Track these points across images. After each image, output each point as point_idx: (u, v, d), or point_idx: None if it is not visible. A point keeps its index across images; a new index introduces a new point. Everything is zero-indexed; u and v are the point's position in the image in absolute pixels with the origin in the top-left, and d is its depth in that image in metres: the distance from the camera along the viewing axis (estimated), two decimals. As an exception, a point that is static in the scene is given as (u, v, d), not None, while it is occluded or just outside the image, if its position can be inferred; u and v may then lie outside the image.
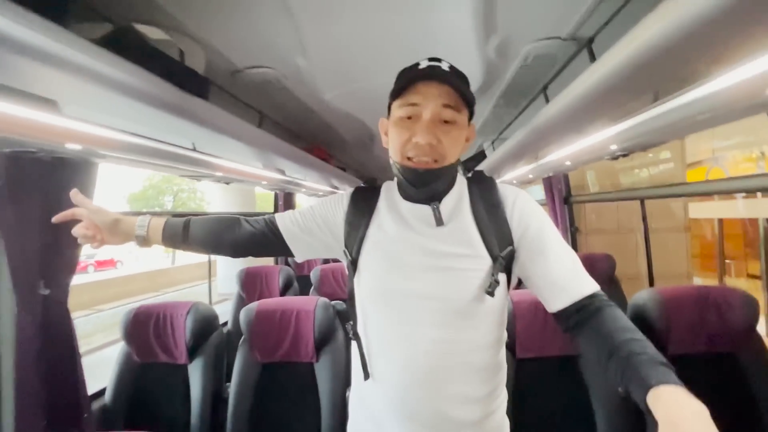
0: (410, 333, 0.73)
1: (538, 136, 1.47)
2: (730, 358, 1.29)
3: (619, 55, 0.79)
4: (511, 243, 0.73)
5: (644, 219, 2.33)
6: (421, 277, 0.73)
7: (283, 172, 2.24)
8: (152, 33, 0.89)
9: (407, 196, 0.78)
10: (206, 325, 1.48)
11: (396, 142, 0.72)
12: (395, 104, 0.73)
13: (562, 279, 0.71)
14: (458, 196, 0.78)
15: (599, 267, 2.40)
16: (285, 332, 1.40)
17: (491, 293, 0.70)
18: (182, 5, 0.95)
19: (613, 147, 1.49)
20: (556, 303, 0.71)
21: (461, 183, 0.80)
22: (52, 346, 1.17)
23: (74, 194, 0.81)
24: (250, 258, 0.95)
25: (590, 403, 1.29)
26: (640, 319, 1.35)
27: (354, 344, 0.80)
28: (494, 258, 0.72)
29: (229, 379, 1.46)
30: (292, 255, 0.87)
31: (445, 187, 0.76)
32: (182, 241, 0.86)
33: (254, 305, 1.45)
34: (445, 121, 0.70)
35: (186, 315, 1.44)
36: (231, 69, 1.35)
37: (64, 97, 0.81)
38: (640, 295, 1.39)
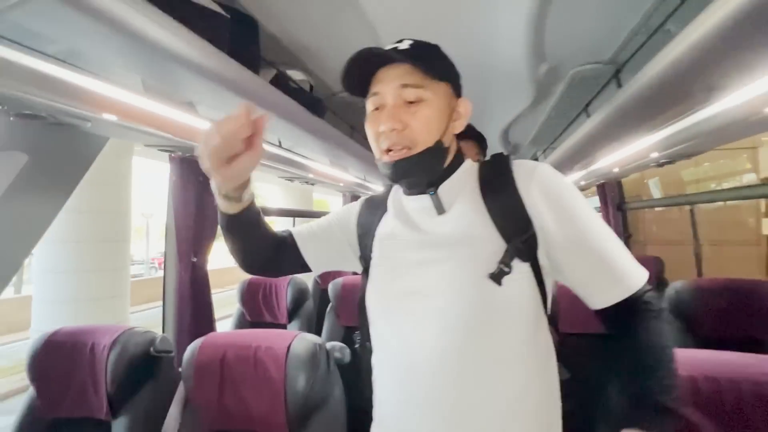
0: (406, 340, 0.62)
1: (581, 147, 1.70)
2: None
3: (646, 75, 0.97)
4: (530, 226, 0.61)
5: (693, 226, 2.40)
6: (420, 273, 0.63)
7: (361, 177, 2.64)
8: (294, 75, 1.28)
9: (406, 190, 0.71)
10: (301, 293, 1.87)
11: (370, 138, 0.66)
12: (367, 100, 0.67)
13: (598, 276, 0.61)
14: (463, 180, 0.68)
15: (648, 270, 2.48)
16: (364, 302, 1.73)
17: (496, 280, 0.58)
18: (307, 52, 1.34)
19: (654, 155, 1.68)
20: (591, 302, 0.64)
21: (469, 168, 0.70)
22: (196, 292, 1.62)
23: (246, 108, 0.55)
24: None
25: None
26: (676, 308, 1.51)
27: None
28: (508, 242, 0.60)
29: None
30: (308, 269, 0.81)
31: (432, 174, 0.66)
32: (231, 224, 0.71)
33: (340, 280, 1.81)
34: (410, 102, 0.62)
35: (287, 285, 1.83)
36: (330, 93, 1.74)
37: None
38: (676, 284, 1.55)
